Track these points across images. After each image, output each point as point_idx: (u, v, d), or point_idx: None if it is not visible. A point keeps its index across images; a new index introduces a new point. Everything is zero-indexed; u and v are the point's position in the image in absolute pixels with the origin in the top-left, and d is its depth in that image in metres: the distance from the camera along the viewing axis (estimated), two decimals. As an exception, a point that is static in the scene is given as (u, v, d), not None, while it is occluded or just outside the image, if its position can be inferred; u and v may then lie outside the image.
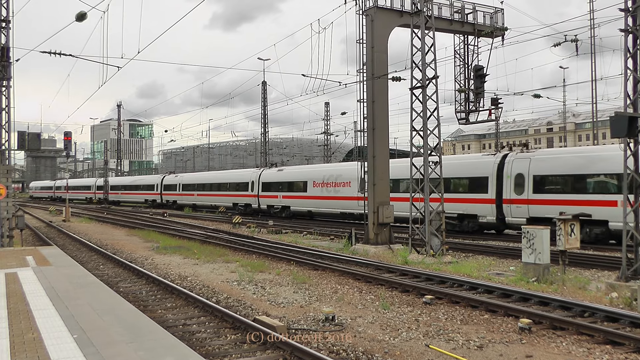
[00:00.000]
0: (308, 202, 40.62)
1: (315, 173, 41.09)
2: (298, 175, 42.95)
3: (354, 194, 34.90)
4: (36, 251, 19.19)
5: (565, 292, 13.85)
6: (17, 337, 7.83)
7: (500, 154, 28.06)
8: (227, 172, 62.07)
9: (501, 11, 26.63)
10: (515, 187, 26.00)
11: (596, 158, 23.51)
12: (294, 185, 42.55)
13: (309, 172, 42.59)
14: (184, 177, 64.00)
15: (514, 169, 26.21)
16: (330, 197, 38.20)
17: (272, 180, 45.29)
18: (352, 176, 34.78)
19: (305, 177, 41.71)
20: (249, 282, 15.67)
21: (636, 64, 14.13)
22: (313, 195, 39.98)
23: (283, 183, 43.75)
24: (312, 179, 40.58)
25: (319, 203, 39.57)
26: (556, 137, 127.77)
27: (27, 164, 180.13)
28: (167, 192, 65.34)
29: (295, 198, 41.91)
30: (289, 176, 43.76)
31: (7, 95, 21.78)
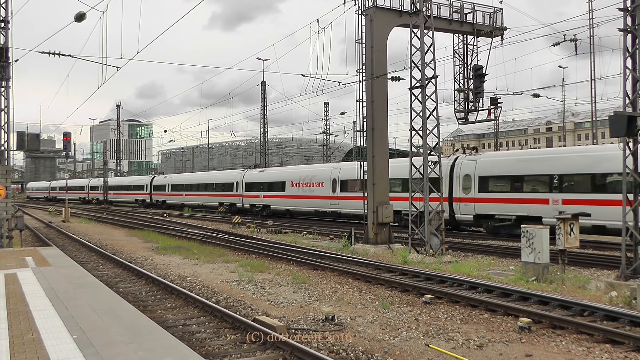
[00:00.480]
0: (286, 201, 42.90)
1: (293, 174, 43.27)
2: (277, 176, 45.26)
3: (327, 194, 37.97)
4: (35, 252, 19.19)
5: (565, 291, 13.86)
6: (16, 337, 7.82)
7: (453, 156, 30.10)
8: (213, 173, 64.84)
9: (500, 11, 26.62)
10: (463, 187, 28.23)
11: (533, 160, 25.67)
12: (274, 185, 44.81)
13: (286, 173, 44.72)
14: (173, 178, 66.47)
15: (462, 170, 28.44)
16: (305, 196, 40.51)
17: (254, 180, 47.80)
18: (325, 177, 38.44)
19: (283, 178, 43.87)
20: (249, 282, 15.67)
21: (635, 64, 14.13)
22: (290, 194, 42.25)
23: (264, 183, 46.29)
24: (289, 179, 42.84)
25: (295, 202, 41.87)
26: (555, 136, 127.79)
27: (27, 164, 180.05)
28: (157, 192, 67.67)
29: (275, 197, 44.22)
30: (269, 177, 46.23)
31: (6, 96, 21.78)
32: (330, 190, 37.71)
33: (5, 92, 21.72)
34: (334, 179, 37.83)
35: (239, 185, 49.86)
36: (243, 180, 49.33)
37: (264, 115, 65.11)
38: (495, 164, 27.38)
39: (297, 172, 43.47)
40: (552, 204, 23.84)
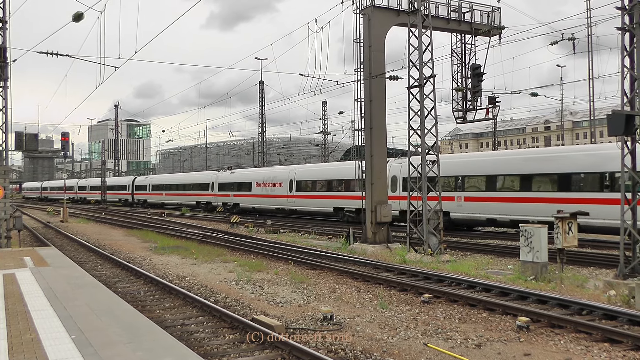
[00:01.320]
0: (252, 200, 47.12)
1: (258, 175, 47.63)
2: (245, 177, 49.63)
3: (285, 193, 42.25)
4: (34, 252, 19.17)
5: (563, 290, 13.87)
6: (15, 337, 7.81)
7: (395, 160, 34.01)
8: (190, 174, 69.62)
9: (498, 10, 26.60)
10: (391, 186, 31.76)
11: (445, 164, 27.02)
12: (242, 185, 49.07)
13: (252, 174, 49.19)
14: (154, 179, 71.09)
15: (391, 172, 31.65)
16: (268, 195, 44.72)
17: (226, 181, 52.23)
18: (283, 178, 42.82)
19: (250, 179, 48.21)
20: (247, 282, 15.67)
21: (633, 62, 14.15)
22: (256, 194, 46.55)
23: (234, 184, 50.62)
24: (255, 180, 47.09)
25: (260, 200, 46.10)
26: (554, 135, 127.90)
27: (25, 164, 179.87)
28: (139, 192, 71.87)
29: (243, 196, 48.53)
30: (238, 178, 50.63)
31: (4, 96, 21.76)
32: (287, 190, 41.94)
33: (3, 92, 21.70)
34: (290, 180, 42.00)
35: (214, 186, 53.99)
36: (217, 181, 53.59)
37: (262, 115, 65.13)
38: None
39: (261, 173, 47.80)
40: (457, 200, 28.70)
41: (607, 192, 22.27)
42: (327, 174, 39.54)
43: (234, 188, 50.29)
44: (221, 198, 52.30)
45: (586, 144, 37.79)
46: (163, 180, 67.77)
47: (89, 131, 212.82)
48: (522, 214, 24.86)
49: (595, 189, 22.92)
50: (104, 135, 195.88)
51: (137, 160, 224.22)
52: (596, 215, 21.10)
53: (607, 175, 22.60)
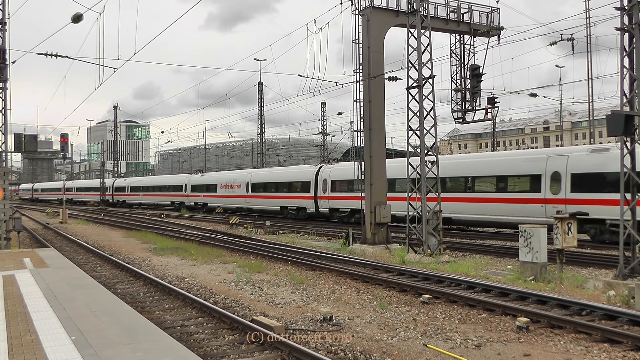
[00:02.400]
0: (218, 200, 52.81)
1: (222, 178, 53.72)
2: (212, 180, 55.30)
3: (243, 193, 48.34)
4: (33, 253, 19.16)
5: (563, 291, 13.87)
6: (15, 339, 7.81)
7: (319, 165, 41.28)
8: (165, 176, 75.26)
9: (497, 10, 26.62)
10: (323, 188, 38.50)
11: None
12: (210, 187, 54.68)
13: (218, 177, 55.18)
14: (132, 181, 77.48)
15: (322, 176, 39.22)
16: (230, 195, 50.65)
17: (197, 183, 58.09)
18: (242, 180, 48.73)
19: (216, 181, 54.08)
20: (247, 283, 15.66)
21: (632, 63, 14.16)
22: (221, 194, 52.30)
23: (204, 185, 56.36)
24: (220, 182, 52.99)
25: (224, 200, 51.74)
26: (553, 135, 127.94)
27: (24, 165, 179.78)
28: (118, 193, 77.33)
29: (210, 197, 54.27)
30: (207, 180, 56.28)
31: (3, 97, 21.76)
32: (245, 191, 47.97)
33: (2, 93, 21.69)
34: (247, 182, 47.97)
35: (186, 187, 59.82)
36: (189, 183, 59.47)
37: (261, 116, 65.13)
38: (341, 172, 37.36)
39: (225, 176, 54.14)
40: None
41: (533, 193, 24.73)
42: (275, 177, 45.75)
43: (203, 189, 55.92)
44: (192, 198, 58.32)
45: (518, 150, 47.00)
46: (140, 182, 73.99)
47: (88, 132, 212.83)
48: (459, 212, 28.53)
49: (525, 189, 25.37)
50: (103, 136, 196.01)
51: (136, 162, 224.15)
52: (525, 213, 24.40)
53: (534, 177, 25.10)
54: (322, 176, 39.08)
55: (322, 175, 39.19)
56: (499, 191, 26.50)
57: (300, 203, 41.21)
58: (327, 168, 39.43)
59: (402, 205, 26.19)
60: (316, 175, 39.82)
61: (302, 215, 41.21)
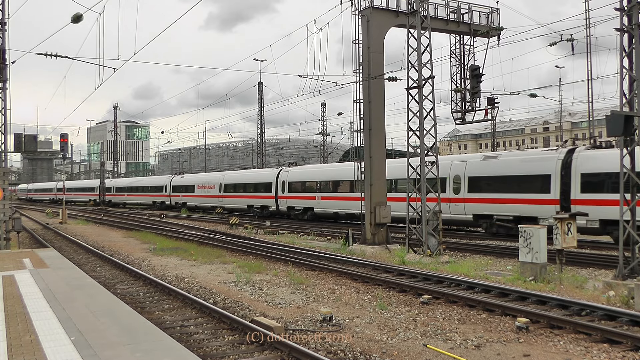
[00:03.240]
0: (195, 199, 57.85)
1: (199, 179, 59.03)
2: (191, 181, 60.34)
3: (216, 194, 53.02)
4: (33, 253, 19.15)
5: (563, 291, 13.87)
6: (14, 339, 7.81)
7: (279, 169, 45.57)
8: (148, 178, 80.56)
9: (497, 11, 26.65)
10: (282, 189, 43.18)
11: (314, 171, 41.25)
12: (188, 187, 59.73)
13: (196, 178, 60.53)
14: (117, 182, 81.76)
15: (281, 178, 43.72)
16: (205, 195, 55.37)
17: (177, 184, 62.86)
18: (216, 182, 53.74)
19: (194, 182, 59.09)
20: (246, 283, 15.66)
21: (632, 63, 14.16)
22: (197, 194, 57.20)
23: (183, 186, 61.25)
24: (197, 183, 58.06)
25: (200, 200, 56.64)
26: (552, 136, 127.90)
27: (24, 166, 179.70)
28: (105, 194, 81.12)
29: (189, 196, 59.35)
30: (186, 181, 61.44)
31: (3, 98, 21.75)
32: (218, 191, 52.76)
33: (2, 93, 21.69)
34: (220, 183, 52.88)
35: (167, 188, 64.57)
36: (171, 184, 64.07)
37: (261, 116, 65.12)
38: (297, 174, 42.40)
39: (202, 177, 59.56)
40: (318, 199, 39.33)
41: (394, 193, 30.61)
42: (243, 179, 50.70)
43: (182, 190, 61.05)
44: (173, 198, 63.12)
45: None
46: (125, 183, 78.68)
47: (87, 133, 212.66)
48: (350, 209, 34.88)
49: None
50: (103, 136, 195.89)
51: (136, 162, 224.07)
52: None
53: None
54: (281, 178, 43.66)
55: (281, 178, 43.74)
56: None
57: (264, 202, 45.95)
58: (285, 171, 43.98)
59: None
60: (277, 178, 44.31)
61: (265, 213, 45.60)
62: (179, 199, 61.48)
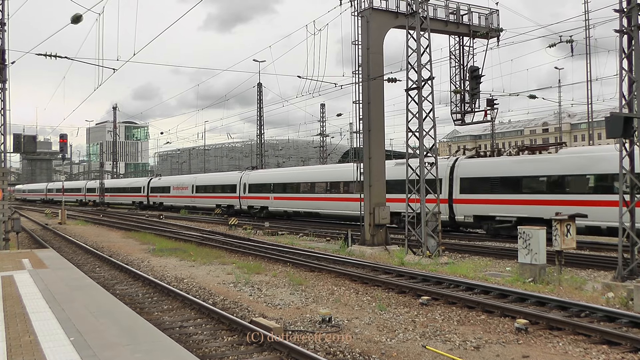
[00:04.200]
0: (170, 199, 63.58)
1: (174, 181, 65.05)
2: (167, 183, 66.43)
3: (189, 194, 59.06)
4: (32, 254, 19.14)
5: (562, 293, 13.88)
6: (13, 340, 7.81)
7: (242, 172, 51.44)
8: (128, 180, 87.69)
9: (496, 12, 26.66)
10: (244, 190, 48.72)
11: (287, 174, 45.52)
12: (165, 189, 65.37)
13: (171, 180, 66.82)
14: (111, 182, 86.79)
15: (243, 180, 49.33)
16: (179, 196, 61.25)
17: (154, 185, 68.74)
18: (189, 183, 59.86)
19: (169, 184, 64.97)
20: (246, 284, 15.66)
21: (631, 65, 14.18)
22: (173, 195, 62.95)
23: (159, 187, 67.15)
24: (172, 185, 63.86)
25: (175, 200, 62.37)
26: (552, 137, 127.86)
27: (23, 166, 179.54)
28: (89, 194, 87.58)
29: (165, 197, 64.99)
30: (163, 183, 67.35)
31: (2, 98, 21.76)
32: (191, 192, 58.73)
33: (1, 94, 21.69)
34: (192, 185, 58.91)
35: (146, 189, 69.95)
36: (148, 186, 69.65)
37: (261, 117, 65.12)
38: (255, 178, 47.98)
39: (176, 179, 65.93)
40: (271, 199, 44.98)
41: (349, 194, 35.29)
42: (212, 181, 56.60)
43: (159, 191, 66.83)
44: (151, 198, 68.72)
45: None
46: (108, 184, 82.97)
47: (87, 133, 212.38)
48: (302, 208, 41.21)
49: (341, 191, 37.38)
50: (102, 137, 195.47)
51: (135, 162, 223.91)
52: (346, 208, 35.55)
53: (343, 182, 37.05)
54: (243, 181, 49.13)
55: (242, 180, 49.27)
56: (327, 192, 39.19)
57: (229, 202, 51.54)
58: (246, 174, 49.83)
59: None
60: (240, 180, 49.89)
61: (230, 212, 50.47)
62: (156, 199, 67.32)
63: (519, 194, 25.68)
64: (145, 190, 69.83)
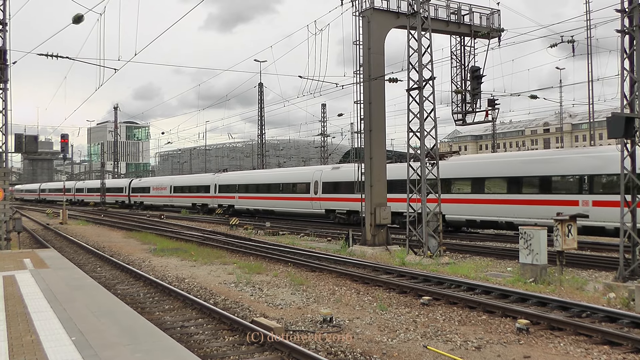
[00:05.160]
0: (150, 199, 68.82)
1: (154, 182, 71.38)
2: (146, 183, 72.13)
3: (167, 194, 64.35)
4: (33, 254, 19.15)
5: (563, 293, 13.87)
6: (15, 339, 7.81)
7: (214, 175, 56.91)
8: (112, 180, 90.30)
9: (497, 12, 26.63)
10: (214, 190, 53.88)
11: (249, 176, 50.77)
12: (145, 189, 70.56)
13: (151, 181, 73.49)
14: (88, 183, 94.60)
15: (214, 181, 54.40)
16: (159, 195, 66.69)
17: (135, 186, 73.63)
18: (167, 184, 65.38)
19: (149, 184, 70.78)
20: (247, 284, 15.67)
21: (633, 65, 14.16)
22: (152, 195, 68.21)
23: (140, 188, 72.21)
24: (152, 185, 69.57)
25: (154, 199, 67.81)
26: (553, 137, 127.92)
27: (24, 166, 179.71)
28: (78, 194, 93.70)
29: (145, 197, 70.18)
30: (143, 184, 72.63)
31: (4, 98, 21.76)
32: (169, 192, 63.96)
33: (3, 94, 21.70)
34: (170, 185, 64.36)
35: (127, 189, 74.97)
36: (130, 186, 74.63)
37: (262, 117, 65.12)
38: (224, 179, 53.08)
39: (155, 180, 72.86)
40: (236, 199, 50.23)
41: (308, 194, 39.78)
42: (188, 182, 62.20)
43: (140, 191, 71.62)
44: (132, 198, 73.44)
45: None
46: (93, 185, 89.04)
47: (88, 133, 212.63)
48: (261, 206, 46.96)
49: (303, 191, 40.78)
50: (103, 137, 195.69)
51: (136, 162, 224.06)
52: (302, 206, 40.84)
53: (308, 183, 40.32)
54: (214, 182, 54.72)
55: (214, 181, 54.89)
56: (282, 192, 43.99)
57: (203, 201, 56.43)
58: (217, 176, 55.51)
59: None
60: (212, 181, 55.34)
61: (204, 210, 56.21)
62: (137, 199, 72.40)
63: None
64: (127, 191, 74.85)
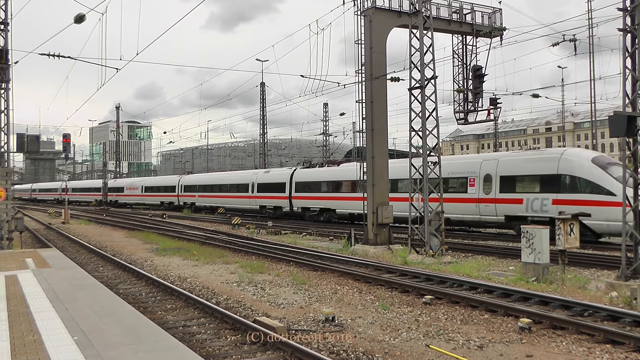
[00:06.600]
0: (124, 198, 77.43)
1: (127, 182, 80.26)
2: (121, 184, 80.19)
3: (139, 193, 72.87)
4: (36, 253, 19.17)
5: (565, 292, 13.85)
6: (17, 339, 7.82)
7: (179, 176, 65.16)
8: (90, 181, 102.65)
9: (499, 11, 26.63)
10: (180, 190, 61.93)
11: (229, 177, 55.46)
12: (120, 189, 78.71)
13: (125, 182, 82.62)
14: (72, 184, 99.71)
15: (180, 182, 63.16)
16: (132, 194, 74.99)
17: (111, 186, 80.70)
18: (139, 184, 75.02)
19: (123, 185, 78.89)
20: (249, 283, 15.67)
21: (635, 63, 14.14)
22: (126, 194, 76.69)
23: (115, 188, 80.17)
24: (126, 185, 78.13)
25: (128, 198, 76.13)
26: (555, 136, 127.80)
27: (26, 166, 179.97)
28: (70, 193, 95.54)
29: (120, 196, 78.54)
30: (118, 184, 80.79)
31: (5, 98, 21.77)
32: (140, 191, 72.90)
33: (5, 93, 21.72)
34: (142, 186, 73.66)
35: (104, 189, 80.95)
36: (106, 186, 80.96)
37: (264, 117, 65.14)
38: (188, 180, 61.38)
39: (129, 181, 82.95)
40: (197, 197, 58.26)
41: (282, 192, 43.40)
42: (157, 183, 71.34)
43: (115, 190, 79.74)
44: (108, 197, 80.00)
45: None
46: (82, 184, 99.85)
47: (90, 133, 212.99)
48: (215, 204, 53.27)
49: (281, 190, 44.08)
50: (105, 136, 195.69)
51: (138, 162, 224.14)
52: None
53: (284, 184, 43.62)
54: (180, 182, 62.54)
55: (180, 182, 62.56)
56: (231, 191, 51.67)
57: (170, 199, 64.82)
58: (182, 178, 63.07)
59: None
60: (178, 182, 63.03)
61: (170, 207, 63.76)
62: (112, 198, 79.99)
63: (319, 192, 39.38)
64: (104, 190, 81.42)
